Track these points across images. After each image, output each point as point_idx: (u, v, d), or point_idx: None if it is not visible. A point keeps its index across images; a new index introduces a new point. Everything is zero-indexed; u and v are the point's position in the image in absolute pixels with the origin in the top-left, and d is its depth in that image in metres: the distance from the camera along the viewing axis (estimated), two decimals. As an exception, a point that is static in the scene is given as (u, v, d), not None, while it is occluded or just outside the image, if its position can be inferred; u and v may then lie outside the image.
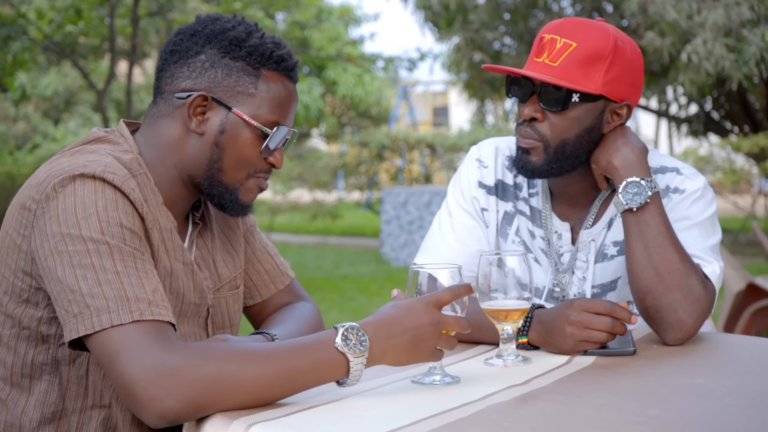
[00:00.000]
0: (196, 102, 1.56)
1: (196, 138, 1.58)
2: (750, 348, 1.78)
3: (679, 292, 1.74)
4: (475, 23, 12.12)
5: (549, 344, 1.70)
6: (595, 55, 1.81)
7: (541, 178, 1.91)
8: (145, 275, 1.41)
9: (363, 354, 1.36)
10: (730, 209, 13.09)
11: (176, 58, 1.59)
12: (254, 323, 1.87)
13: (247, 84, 1.58)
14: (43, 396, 1.53)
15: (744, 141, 10.36)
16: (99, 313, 1.35)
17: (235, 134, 1.58)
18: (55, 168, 1.48)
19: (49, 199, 1.43)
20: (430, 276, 1.52)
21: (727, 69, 10.24)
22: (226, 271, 1.72)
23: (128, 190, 1.46)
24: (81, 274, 1.37)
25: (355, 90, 20.88)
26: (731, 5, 10.24)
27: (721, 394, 1.41)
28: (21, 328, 1.53)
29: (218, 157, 1.58)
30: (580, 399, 1.39)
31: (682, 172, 1.91)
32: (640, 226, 1.78)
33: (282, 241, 14.47)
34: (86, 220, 1.40)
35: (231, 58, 1.57)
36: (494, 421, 1.28)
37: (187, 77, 1.58)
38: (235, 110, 1.57)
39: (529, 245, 1.99)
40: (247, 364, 1.32)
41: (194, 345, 1.36)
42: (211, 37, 1.58)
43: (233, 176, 1.60)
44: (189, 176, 1.61)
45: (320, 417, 1.31)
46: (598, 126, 1.87)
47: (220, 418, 1.30)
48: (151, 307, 1.37)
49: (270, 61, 1.59)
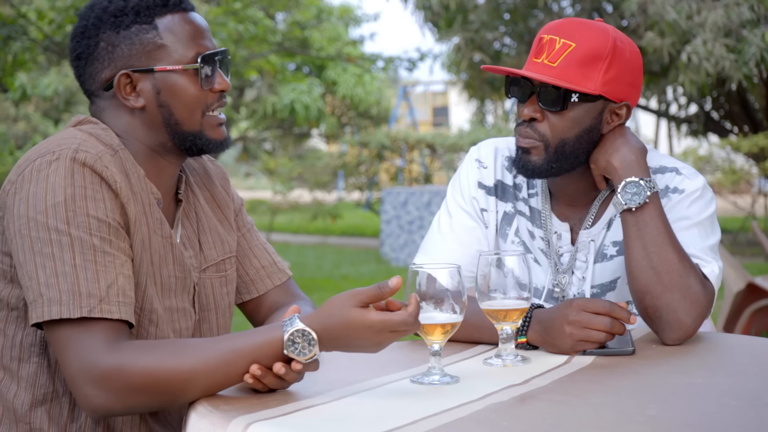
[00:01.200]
0: (122, 83, 1.60)
1: (141, 112, 1.61)
2: (749, 348, 1.78)
3: (678, 291, 1.74)
4: (475, 23, 12.12)
5: (548, 344, 1.70)
6: (594, 56, 1.81)
7: (541, 178, 1.91)
8: (103, 269, 1.44)
9: (309, 358, 1.40)
10: (730, 209, 13.09)
11: (84, 61, 1.62)
12: (252, 320, 1.87)
13: (152, 40, 1.60)
14: (33, 378, 1.55)
15: (744, 141, 10.36)
16: (51, 303, 1.40)
17: (170, 87, 1.61)
18: (34, 150, 1.51)
19: (23, 181, 1.47)
20: (429, 276, 1.51)
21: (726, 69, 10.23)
22: (212, 253, 1.73)
23: (101, 167, 1.48)
24: (40, 262, 1.42)
25: (355, 90, 20.86)
26: (731, 5, 10.24)
27: (720, 394, 1.41)
28: (9, 309, 1.56)
29: (168, 113, 1.61)
30: (579, 399, 1.39)
31: (682, 172, 1.91)
32: (638, 226, 1.78)
33: (282, 241, 14.47)
34: (54, 208, 1.43)
35: (124, 28, 1.60)
36: (493, 420, 1.28)
37: (102, 69, 1.61)
38: (157, 68, 1.60)
39: (529, 245, 1.99)
40: (184, 357, 1.40)
41: (137, 343, 1.43)
42: (97, 24, 1.60)
43: (191, 121, 1.63)
44: (159, 144, 1.64)
45: (319, 416, 1.31)
46: (598, 126, 1.87)
47: (219, 415, 1.31)
48: (102, 304, 1.41)
49: (156, 8, 1.61)
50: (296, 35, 17.90)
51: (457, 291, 1.51)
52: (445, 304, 1.51)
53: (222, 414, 1.31)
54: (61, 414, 1.55)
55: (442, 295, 1.51)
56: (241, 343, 1.42)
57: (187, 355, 1.41)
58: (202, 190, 1.78)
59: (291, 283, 1.88)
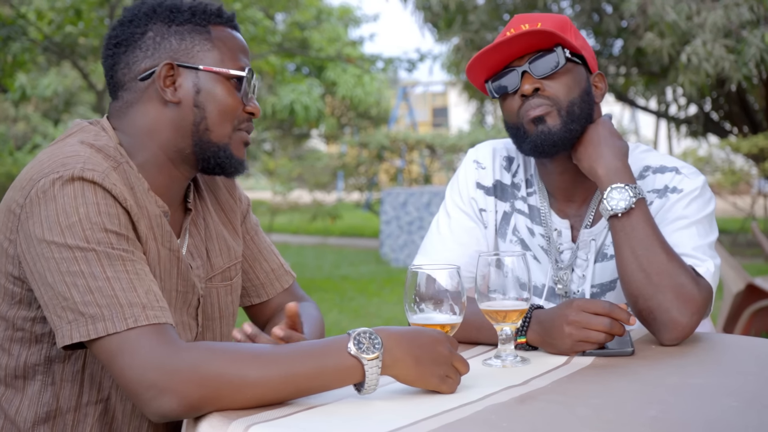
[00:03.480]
0: (164, 73, 1.57)
1: (174, 108, 1.58)
2: (749, 348, 1.78)
3: (670, 291, 1.74)
4: (474, 24, 12.12)
5: (547, 344, 1.70)
6: (562, 25, 1.89)
7: (560, 148, 1.87)
8: (136, 277, 1.40)
9: (377, 356, 1.36)
10: (730, 210, 13.09)
11: (124, 48, 1.60)
12: (256, 322, 1.87)
13: (203, 41, 1.59)
14: (36, 396, 1.53)
15: (743, 142, 10.36)
16: (94, 321, 1.35)
17: (211, 89, 1.59)
18: (36, 169, 1.46)
19: (32, 204, 1.42)
20: (428, 277, 1.51)
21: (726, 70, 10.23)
22: (219, 261, 1.71)
23: (109, 185, 1.44)
24: (71, 281, 1.37)
25: (354, 91, 20.87)
26: (731, 6, 10.24)
27: (720, 395, 1.41)
28: (15, 329, 1.53)
29: (201, 116, 1.59)
30: (579, 400, 1.39)
31: (682, 172, 1.91)
32: (626, 231, 1.79)
33: (282, 241, 14.47)
34: (70, 229, 1.39)
35: (177, 24, 1.59)
36: (493, 421, 1.27)
37: (144, 58, 1.58)
38: (203, 67, 1.58)
39: (528, 243, 1.99)
40: (251, 365, 1.32)
41: (198, 344, 1.37)
42: (150, 14, 1.59)
43: (221, 131, 1.60)
44: (177, 151, 1.60)
45: (319, 418, 1.31)
46: (590, 91, 1.91)
47: (219, 418, 1.30)
48: (146, 311, 1.37)
49: (213, 16, 1.61)
50: (296, 36, 17.90)
51: (457, 292, 1.51)
52: (445, 305, 1.51)
53: (221, 416, 1.31)
54: (65, 430, 1.54)
55: (442, 296, 1.52)
56: (307, 345, 1.38)
57: (263, 363, 1.34)
58: (209, 194, 1.76)
59: (295, 284, 1.89)
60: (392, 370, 1.38)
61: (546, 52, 1.86)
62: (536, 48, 1.86)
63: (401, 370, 1.38)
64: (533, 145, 1.86)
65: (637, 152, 1.99)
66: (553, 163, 1.94)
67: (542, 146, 1.86)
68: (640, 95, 14.80)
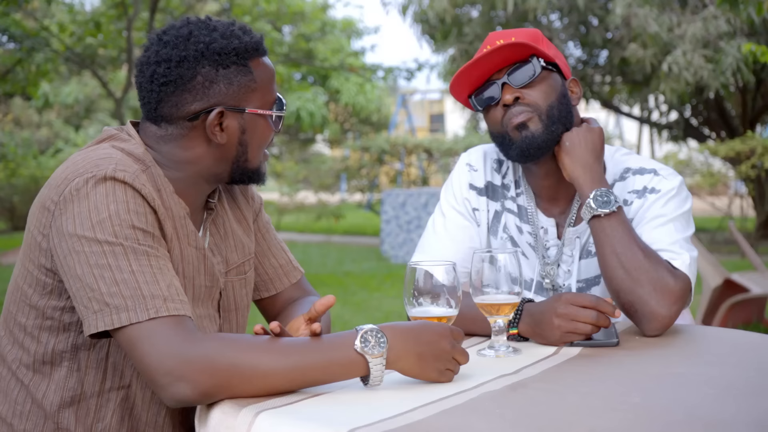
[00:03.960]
0: (215, 121, 1.56)
1: (218, 147, 1.59)
2: (726, 340, 1.78)
3: (648, 285, 1.75)
4: (469, 35, 12.12)
5: (538, 335, 1.70)
6: (534, 37, 1.90)
7: (545, 150, 1.88)
8: (159, 271, 1.41)
9: (381, 355, 1.36)
10: (708, 210, 13.09)
11: (173, 88, 1.56)
12: (267, 315, 1.87)
13: (247, 82, 1.58)
14: (62, 381, 1.54)
15: (721, 146, 10.36)
16: (118, 311, 1.37)
17: (254, 127, 1.60)
18: (71, 169, 1.48)
19: (66, 202, 1.44)
20: (426, 272, 1.52)
21: (705, 78, 10.22)
22: (234, 257, 1.72)
23: (139, 185, 1.46)
24: (98, 273, 1.39)
25: (356, 98, 20.87)
26: (709, 19, 10.23)
27: (700, 383, 1.41)
28: (44, 318, 1.54)
29: (244, 151, 1.60)
30: (567, 387, 1.39)
31: (660, 173, 1.92)
32: (606, 231, 1.80)
33: (288, 239, 14.47)
34: (100, 224, 1.41)
35: (224, 67, 1.56)
36: (487, 408, 1.28)
37: (193, 101, 1.56)
38: (249, 110, 1.58)
39: (517, 240, 2.00)
40: (262, 357, 1.33)
41: (213, 335, 1.37)
42: (198, 57, 1.55)
43: (257, 159, 1.63)
44: (213, 175, 1.62)
45: (324, 405, 1.31)
46: (566, 94, 1.92)
47: (230, 405, 1.31)
48: (167, 303, 1.38)
49: (249, 51, 1.59)
50: (302, 47, 17.91)
51: (453, 286, 1.52)
52: (441, 298, 1.52)
53: (233, 403, 1.31)
54: (88, 414, 1.55)
55: (439, 291, 1.52)
56: (316, 342, 1.38)
57: (279, 353, 1.34)
58: (225, 193, 1.76)
59: (303, 279, 1.89)
60: (396, 365, 1.39)
61: (522, 63, 1.87)
62: (513, 60, 1.87)
63: (404, 365, 1.39)
64: (519, 150, 1.87)
65: (618, 155, 1.99)
66: (537, 167, 1.94)
67: (528, 150, 1.87)
68: (624, 102, 14.80)
